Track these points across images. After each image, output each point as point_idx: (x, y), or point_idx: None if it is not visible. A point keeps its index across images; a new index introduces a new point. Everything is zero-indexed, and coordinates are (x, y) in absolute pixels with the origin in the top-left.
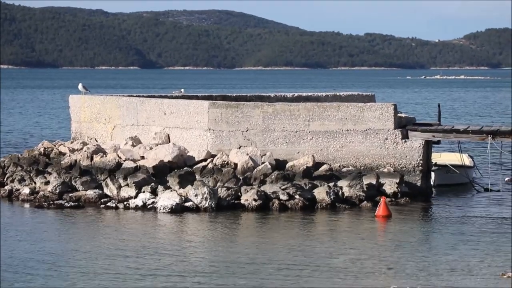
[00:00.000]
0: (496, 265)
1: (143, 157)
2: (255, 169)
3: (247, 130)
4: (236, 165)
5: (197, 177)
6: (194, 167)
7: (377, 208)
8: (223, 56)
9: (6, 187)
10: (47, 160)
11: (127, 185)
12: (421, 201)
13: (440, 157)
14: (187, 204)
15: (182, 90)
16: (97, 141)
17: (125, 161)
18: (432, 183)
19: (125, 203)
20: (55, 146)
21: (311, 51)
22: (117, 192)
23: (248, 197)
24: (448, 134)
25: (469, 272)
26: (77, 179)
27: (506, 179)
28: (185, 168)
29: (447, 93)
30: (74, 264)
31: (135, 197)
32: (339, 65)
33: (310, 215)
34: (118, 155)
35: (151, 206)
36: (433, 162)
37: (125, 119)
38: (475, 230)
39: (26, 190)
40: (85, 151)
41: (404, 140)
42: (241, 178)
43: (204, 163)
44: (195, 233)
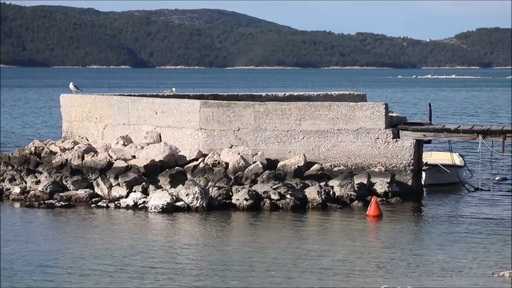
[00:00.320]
0: (486, 264)
1: (134, 157)
2: (247, 169)
3: (239, 129)
4: (227, 164)
5: (189, 176)
6: (185, 167)
7: (368, 207)
8: (214, 55)
9: None
10: (38, 159)
11: (118, 184)
12: (412, 201)
13: (430, 157)
14: (178, 203)
15: (173, 89)
16: (88, 141)
17: (116, 160)
18: (422, 183)
19: (116, 202)
20: (46, 145)
21: (303, 51)
22: (108, 191)
23: (239, 196)
24: (439, 133)
25: (459, 271)
26: (68, 178)
27: (496, 179)
28: (176, 167)
29: (438, 93)
30: (60, 264)
31: (126, 196)
32: (330, 65)
33: (301, 214)
34: (109, 154)
35: (142, 205)
36: (424, 161)
37: (116, 118)
38: (465, 229)
39: (16, 189)
40: (76, 150)
41: (395, 139)
42: (232, 177)
43: (195, 163)
44: (185, 233)
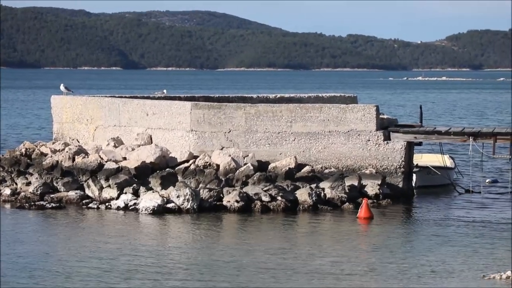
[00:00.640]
0: (477, 267)
1: (125, 158)
2: (238, 170)
3: (230, 131)
4: (218, 166)
5: (179, 178)
6: (176, 168)
7: (359, 209)
8: (205, 57)
9: None
10: (29, 160)
11: (109, 186)
12: (402, 203)
13: (421, 159)
14: (169, 205)
15: (164, 91)
16: (79, 142)
17: (107, 162)
18: (413, 185)
19: (107, 204)
20: (36, 146)
21: (294, 52)
22: (99, 193)
23: (230, 198)
24: (430, 135)
25: (450, 274)
26: (59, 180)
27: (487, 181)
28: (167, 169)
29: (429, 95)
30: (47, 266)
31: (117, 198)
32: (321, 66)
33: (292, 216)
34: (100, 156)
35: (133, 207)
36: (415, 163)
37: (107, 120)
38: (456, 232)
39: (7, 191)
40: (67, 152)
41: (386, 141)
42: (223, 179)
43: (186, 164)
44: (176, 235)
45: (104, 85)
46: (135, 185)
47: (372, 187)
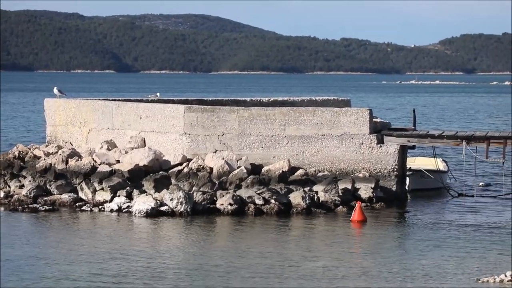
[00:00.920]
0: (470, 271)
1: (118, 161)
2: (231, 174)
3: (223, 134)
4: (211, 169)
5: (173, 181)
6: (169, 171)
7: (352, 213)
8: (199, 60)
9: None
10: (22, 163)
11: (102, 189)
12: (396, 206)
13: (414, 162)
14: (163, 208)
15: (157, 94)
16: (72, 145)
17: (100, 165)
18: (406, 188)
19: (100, 207)
20: (30, 149)
21: (287, 56)
22: (92, 196)
23: (223, 201)
24: (423, 139)
25: (443, 277)
26: (52, 182)
27: (480, 184)
28: (161, 172)
29: (422, 98)
30: (35, 269)
31: (110, 201)
32: (315, 70)
33: (285, 219)
34: (93, 159)
35: (126, 210)
36: (408, 167)
37: (101, 123)
38: (449, 235)
39: (0, 193)
40: (60, 154)
41: (379, 145)
42: (216, 182)
43: (179, 167)
44: (168, 238)
45: (99, 88)
46: (128, 188)
47: (365, 191)
